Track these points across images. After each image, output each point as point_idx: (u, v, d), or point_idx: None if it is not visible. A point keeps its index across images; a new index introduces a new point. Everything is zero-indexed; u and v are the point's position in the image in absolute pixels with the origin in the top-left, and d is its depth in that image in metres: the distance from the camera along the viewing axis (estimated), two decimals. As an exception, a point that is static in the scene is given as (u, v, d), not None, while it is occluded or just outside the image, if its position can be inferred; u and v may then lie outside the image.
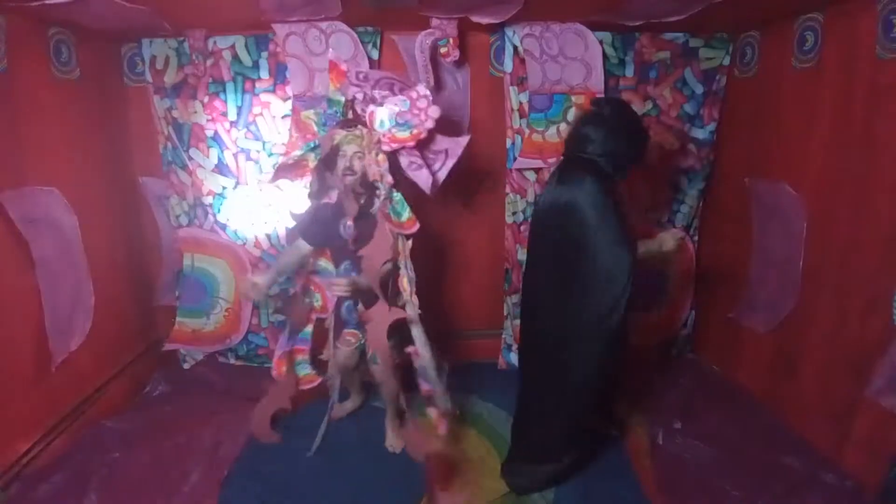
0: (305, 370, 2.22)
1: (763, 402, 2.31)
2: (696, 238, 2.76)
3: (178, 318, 2.65)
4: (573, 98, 2.46)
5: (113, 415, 2.24)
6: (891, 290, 1.70)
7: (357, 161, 1.88)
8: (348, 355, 2.08)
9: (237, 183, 2.54)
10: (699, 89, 2.53)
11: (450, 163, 2.00)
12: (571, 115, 2.47)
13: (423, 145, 1.96)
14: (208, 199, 2.55)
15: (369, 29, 2.36)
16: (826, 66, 1.97)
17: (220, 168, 2.52)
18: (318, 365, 2.22)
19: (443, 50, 2.35)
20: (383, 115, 1.90)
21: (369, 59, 2.37)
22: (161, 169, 2.57)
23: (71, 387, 2.12)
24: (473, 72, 2.51)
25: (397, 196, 1.90)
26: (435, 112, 1.92)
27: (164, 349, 2.64)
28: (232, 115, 2.46)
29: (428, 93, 1.93)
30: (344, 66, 2.05)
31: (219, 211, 2.57)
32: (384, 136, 1.89)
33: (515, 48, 2.40)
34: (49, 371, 1.98)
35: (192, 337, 2.67)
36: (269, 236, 2.61)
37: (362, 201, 1.96)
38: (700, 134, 2.59)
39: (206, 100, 2.44)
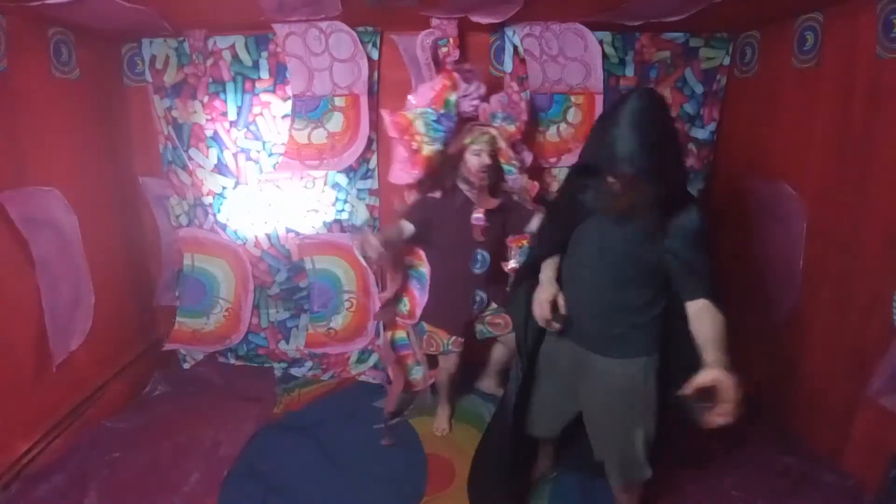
0: (419, 374, 2.31)
1: (763, 402, 2.31)
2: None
3: (178, 318, 2.65)
4: (573, 98, 2.46)
5: (113, 415, 2.24)
6: (891, 290, 1.70)
7: (489, 157, 1.98)
8: (506, 344, 2.27)
9: (237, 183, 2.54)
10: (699, 89, 2.53)
11: None
12: (571, 114, 2.47)
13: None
14: (208, 199, 2.55)
15: (369, 29, 2.36)
16: (826, 66, 1.97)
17: (220, 168, 2.52)
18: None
19: (443, 50, 2.34)
20: (494, 109, 2.10)
21: (369, 59, 2.36)
22: (161, 169, 2.57)
23: (71, 387, 2.12)
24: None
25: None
26: (525, 103, 2.16)
27: (164, 349, 2.63)
28: (232, 115, 2.46)
29: (515, 86, 2.25)
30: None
31: (219, 211, 2.57)
32: (498, 129, 2.07)
33: (515, 48, 2.40)
34: (49, 371, 1.98)
35: (192, 337, 2.67)
36: (269, 236, 2.61)
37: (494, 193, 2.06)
38: (700, 134, 2.59)
39: (205, 100, 2.43)
